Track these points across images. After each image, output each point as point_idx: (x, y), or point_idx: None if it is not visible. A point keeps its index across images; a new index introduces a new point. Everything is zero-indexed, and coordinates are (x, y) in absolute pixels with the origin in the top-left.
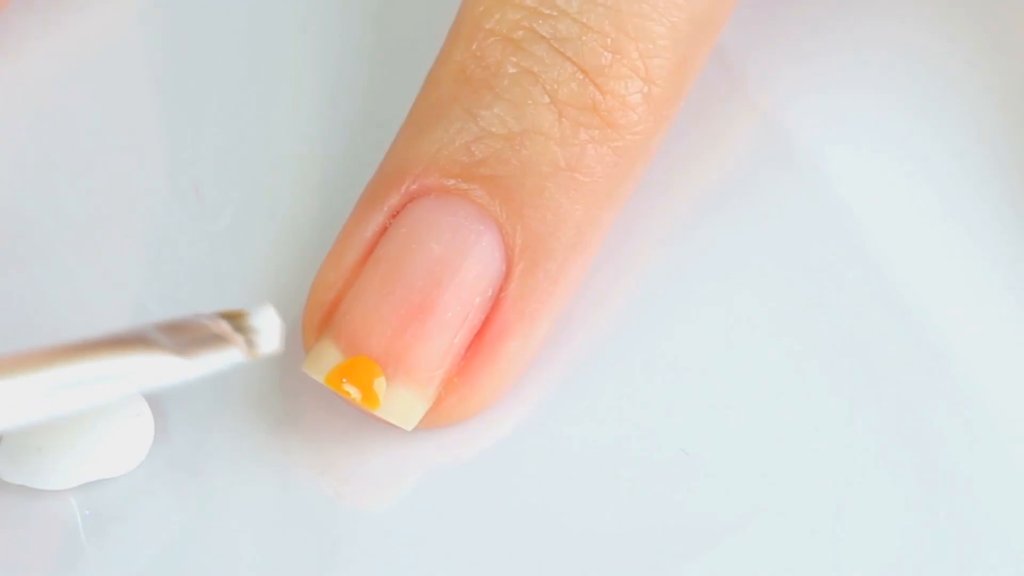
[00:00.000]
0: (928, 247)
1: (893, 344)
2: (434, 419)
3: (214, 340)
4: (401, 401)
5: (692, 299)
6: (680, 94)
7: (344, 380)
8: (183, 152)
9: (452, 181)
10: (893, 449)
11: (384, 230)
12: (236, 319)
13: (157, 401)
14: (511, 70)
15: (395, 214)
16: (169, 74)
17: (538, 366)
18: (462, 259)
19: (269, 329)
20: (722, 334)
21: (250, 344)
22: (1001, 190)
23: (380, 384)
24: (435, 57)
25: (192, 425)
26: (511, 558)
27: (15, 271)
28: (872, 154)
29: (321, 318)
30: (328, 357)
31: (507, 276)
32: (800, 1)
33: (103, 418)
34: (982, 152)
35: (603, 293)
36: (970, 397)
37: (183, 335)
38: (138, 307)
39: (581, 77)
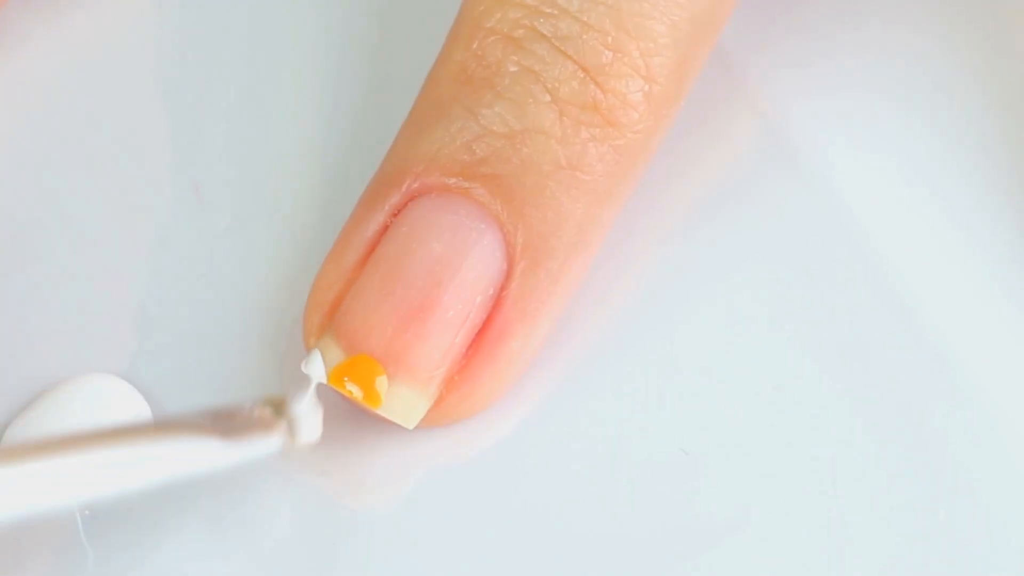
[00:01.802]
0: (929, 248)
1: (893, 344)
2: (435, 418)
3: (257, 426)
4: (402, 400)
5: (692, 299)
6: (681, 93)
7: (346, 378)
8: (183, 152)
9: (453, 180)
10: (893, 449)
11: (385, 229)
12: (278, 406)
13: (157, 402)
14: (512, 69)
15: (396, 213)
16: (169, 74)
17: (538, 366)
18: (463, 258)
19: (310, 417)
20: (722, 334)
21: (292, 432)
22: (1001, 191)
23: (382, 383)
24: (436, 57)
25: None
26: (511, 558)
27: (15, 271)
28: (873, 154)
29: (322, 318)
30: (329, 356)
31: (508, 275)
32: (801, 3)
33: (101, 419)
34: (982, 153)
35: (603, 293)
36: (970, 397)
37: (227, 421)
38: (138, 307)
39: (582, 76)
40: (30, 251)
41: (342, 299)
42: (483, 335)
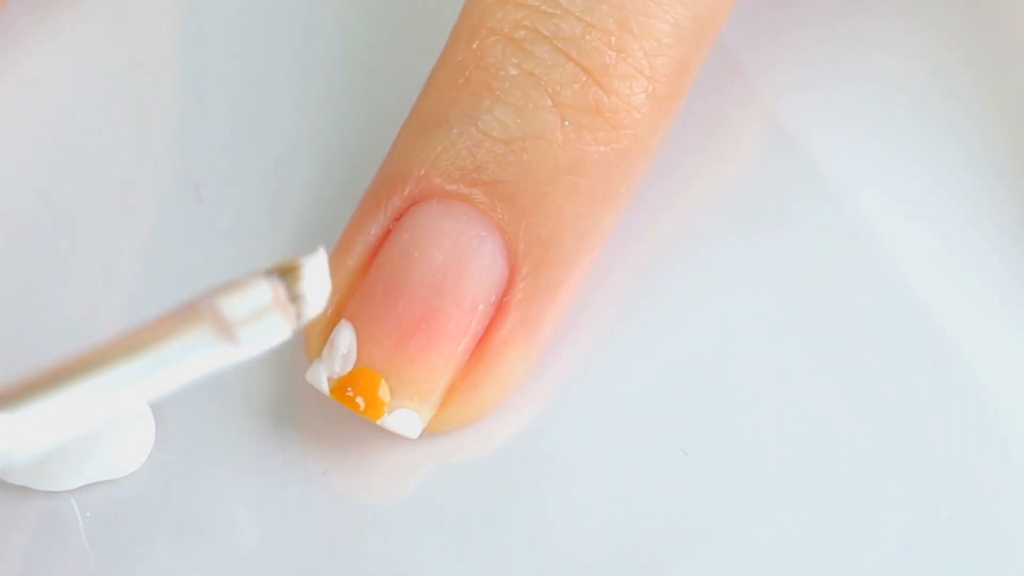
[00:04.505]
0: (934, 248)
1: (895, 343)
2: (438, 425)
3: (266, 312)
4: (405, 412)
5: (694, 299)
6: (682, 92)
7: (349, 390)
8: (183, 152)
9: (454, 186)
10: (895, 448)
11: (387, 233)
12: (290, 277)
13: (158, 403)
14: (512, 72)
15: (398, 217)
16: (169, 73)
17: (540, 366)
18: (464, 267)
19: (323, 282)
20: (723, 334)
21: (298, 315)
22: (1006, 184)
23: (384, 394)
24: (438, 57)
25: (193, 426)
26: (512, 558)
27: (15, 271)
28: (876, 150)
29: (324, 328)
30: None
31: (510, 281)
32: (805, 0)
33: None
34: (988, 150)
35: (604, 293)
36: (972, 396)
37: (237, 302)
38: (138, 307)
39: (584, 78)
40: (30, 251)
41: (344, 308)
42: (485, 342)
